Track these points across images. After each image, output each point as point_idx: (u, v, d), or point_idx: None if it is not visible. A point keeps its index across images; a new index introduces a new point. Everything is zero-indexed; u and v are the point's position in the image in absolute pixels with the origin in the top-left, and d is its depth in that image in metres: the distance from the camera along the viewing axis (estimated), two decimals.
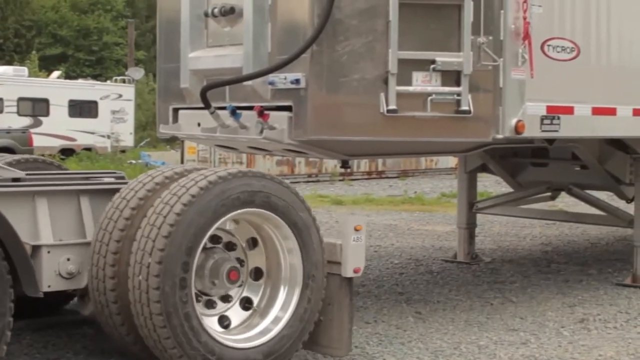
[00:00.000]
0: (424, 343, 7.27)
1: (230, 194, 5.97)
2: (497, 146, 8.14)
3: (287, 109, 7.09)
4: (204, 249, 6.02)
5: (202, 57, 7.75)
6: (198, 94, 7.32)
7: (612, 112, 8.28)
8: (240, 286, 6.38)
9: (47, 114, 33.57)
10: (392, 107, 6.94)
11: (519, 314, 8.25)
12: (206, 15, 7.66)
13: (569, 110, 7.88)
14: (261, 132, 7.11)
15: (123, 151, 35.79)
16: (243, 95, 7.37)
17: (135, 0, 68.73)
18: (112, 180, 7.09)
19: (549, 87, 7.69)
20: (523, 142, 8.50)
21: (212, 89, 7.29)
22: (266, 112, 7.06)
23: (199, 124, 7.88)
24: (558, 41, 7.79)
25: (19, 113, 32.69)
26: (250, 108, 7.18)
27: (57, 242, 6.14)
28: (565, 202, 15.57)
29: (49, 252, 6.05)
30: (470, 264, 10.85)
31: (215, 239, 6.25)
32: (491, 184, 20.00)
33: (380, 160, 27.35)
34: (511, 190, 11.34)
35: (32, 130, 30.10)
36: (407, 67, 7.01)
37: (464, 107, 7.09)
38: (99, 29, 60.77)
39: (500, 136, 7.38)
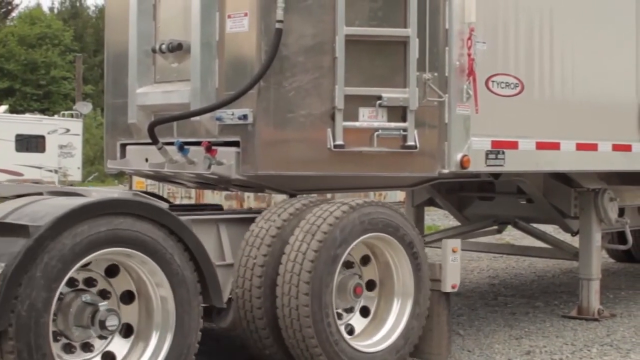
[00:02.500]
0: None
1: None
2: (443, 181, 8.21)
3: (235, 144, 7.12)
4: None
5: (149, 93, 7.76)
6: (146, 129, 7.33)
7: (555, 146, 8.40)
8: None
9: None
10: (339, 142, 7.01)
11: (466, 347, 8.29)
12: (154, 51, 7.67)
13: (514, 145, 7.99)
14: (209, 167, 7.13)
15: (71, 186, 35.45)
16: (191, 130, 7.39)
17: (83, 35, 68.47)
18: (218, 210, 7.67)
19: (494, 123, 7.80)
20: (469, 176, 8.59)
21: (159, 124, 7.29)
22: (214, 147, 7.09)
23: (146, 160, 7.87)
24: (502, 77, 7.92)
25: None
26: (198, 143, 7.20)
27: None
28: (512, 235, 15.72)
29: None
30: None
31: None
32: (439, 218, 20.14)
33: (328, 195, 27.35)
34: (458, 223, 11.43)
35: None
36: (354, 103, 7.09)
37: (410, 143, 7.18)
38: (47, 63, 60.33)
39: (446, 171, 7.47)
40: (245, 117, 7.02)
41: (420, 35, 7.22)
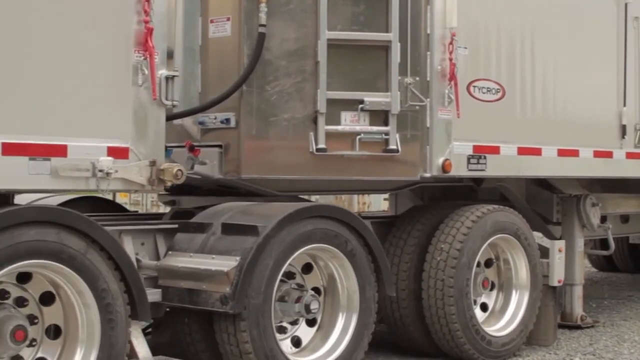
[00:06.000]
0: None
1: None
2: (425, 185, 8.24)
3: (218, 148, 7.14)
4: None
5: None
6: None
7: (537, 152, 8.45)
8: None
9: None
10: (322, 146, 7.04)
11: None
12: None
13: (495, 150, 8.03)
14: (192, 167, 7.13)
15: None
16: (174, 135, 7.37)
17: None
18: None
19: (476, 127, 7.84)
20: (450, 181, 8.61)
21: None
22: (196, 147, 7.10)
23: None
24: (484, 82, 7.96)
25: None
26: (180, 148, 7.19)
27: None
28: None
29: None
30: None
31: None
32: None
33: (313, 197, 27.30)
34: None
35: None
36: (336, 107, 7.12)
37: (392, 146, 7.21)
38: None
39: (427, 175, 7.51)
40: (227, 121, 7.05)
41: (402, 39, 7.27)
